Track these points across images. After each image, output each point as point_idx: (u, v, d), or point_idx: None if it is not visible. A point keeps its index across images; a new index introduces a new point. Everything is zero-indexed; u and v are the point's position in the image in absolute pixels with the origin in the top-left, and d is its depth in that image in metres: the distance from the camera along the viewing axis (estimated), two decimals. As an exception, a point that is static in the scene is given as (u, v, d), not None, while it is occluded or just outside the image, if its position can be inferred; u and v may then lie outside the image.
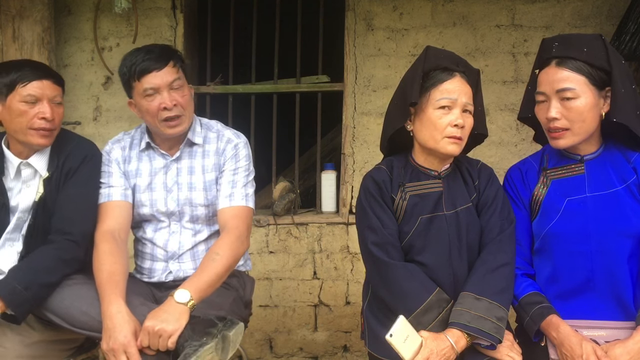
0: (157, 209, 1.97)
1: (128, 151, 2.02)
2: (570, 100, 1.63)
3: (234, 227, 1.90)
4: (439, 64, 1.72)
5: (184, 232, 1.98)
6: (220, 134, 2.01)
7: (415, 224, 1.73)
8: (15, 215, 1.91)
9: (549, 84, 1.66)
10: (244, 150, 2.01)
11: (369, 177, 1.80)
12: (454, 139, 1.69)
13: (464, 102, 1.70)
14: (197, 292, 1.71)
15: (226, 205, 1.94)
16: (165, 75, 1.86)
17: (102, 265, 1.80)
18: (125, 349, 1.63)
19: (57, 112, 1.90)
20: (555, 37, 1.74)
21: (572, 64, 1.64)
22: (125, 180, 1.98)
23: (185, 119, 1.93)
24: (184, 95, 1.91)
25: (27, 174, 1.92)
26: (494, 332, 1.60)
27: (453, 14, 3.10)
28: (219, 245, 1.85)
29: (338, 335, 3.19)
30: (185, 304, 1.67)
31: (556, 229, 1.70)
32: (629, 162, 1.72)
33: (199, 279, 1.75)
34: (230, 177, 1.96)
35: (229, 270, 1.85)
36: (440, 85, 1.70)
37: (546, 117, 1.67)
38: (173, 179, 1.98)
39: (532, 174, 1.80)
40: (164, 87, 1.86)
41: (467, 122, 1.71)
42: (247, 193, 1.98)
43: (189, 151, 1.99)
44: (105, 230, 1.89)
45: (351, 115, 3.15)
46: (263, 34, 3.38)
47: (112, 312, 1.68)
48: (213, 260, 1.80)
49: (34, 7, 2.96)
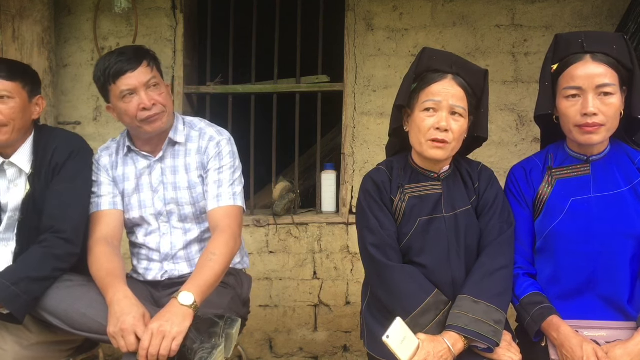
0: (146, 211, 1.98)
1: (115, 157, 2.02)
2: (608, 96, 1.62)
3: (227, 226, 1.90)
4: (430, 66, 1.70)
5: (175, 232, 1.99)
6: (202, 132, 2.00)
7: (414, 225, 1.73)
8: (6, 214, 1.93)
9: (587, 79, 1.63)
10: (227, 147, 2.00)
11: (369, 178, 1.80)
12: (437, 143, 1.67)
13: (450, 104, 1.66)
14: (200, 294, 1.72)
15: (215, 206, 1.94)
16: (140, 76, 1.86)
17: (100, 265, 1.82)
18: (134, 330, 1.62)
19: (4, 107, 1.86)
20: (578, 33, 1.72)
21: (607, 60, 1.63)
22: (114, 187, 1.99)
23: (165, 115, 1.92)
24: (161, 93, 1.91)
25: (11, 173, 1.94)
26: (491, 336, 1.60)
27: (453, 14, 3.10)
28: (214, 245, 1.85)
29: (338, 335, 3.20)
30: (189, 307, 1.67)
31: (560, 228, 1.70)
32: (633, 162, 1.73)
33: (199, 279, 1.75)
34: (216, 177, 1.96)
35: (225, 269, 1.85)
36: (427, 88, 1.68)
37: (583, 112, 1.63)
38: (158, 178, 1.99)
39: (537, 173, 1.80)
40: (141, 87, 1.86)
41: (454, 125, 1.67)
42: (235, 192, 1.97)
43: (171, 151, 1.99)
44: (97, 237, 1.91)
45: (351, 115, 3.14)
46: (263, 34, 3.37)
47: (119, 298, 1.69)
48: (210, 260, 1.80)
49: (34, 7, 2.96)
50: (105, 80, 1.87)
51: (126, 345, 1.62)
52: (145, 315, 1.67)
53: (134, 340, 1.62)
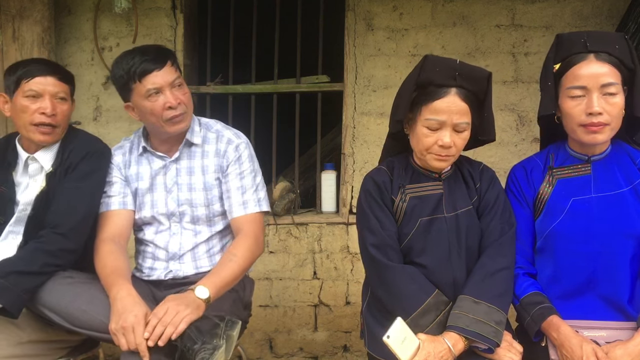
0: (157, 210, 1.98)
1: (128, 156, 2.03)
2: (612, 96, 1.62)
3: (251, 231, 1.93)
4: (433, 80, 1.64)
5: (185, 232, 1.99)
6: (220, 135, 2.01)
7: (414, 225, 1.73)
8: (18, 207, 1.95)
9: (592, 78, 1.62)
10: (246, 151, 2.01)
11: (369, 178, 1.80)
12: (439, 157, 1.68)
13: (454, 122, 1.64)
14: (215, 291, 1.77)
15: (241, 213, 1.96)
16: (166, 75, 1.87)
17: (105, 263, 1.83)
18: (135, 328, 1.62)
19: (61, 108, 1.93)
20: (580, 32, 1.72)
21: (610, 60, 1.63)
22: (126, 186, 2.00)
23: (187, 116, 1.94)
24: (185, 93, 1.93)
25: (33, 168, 1.96)
26: (492, 336, 1.59)
27: (453, 14, 3.10)
28: (237, 247, 1.89)
29: (338, 335, 3.20)
30: (203, 300, 1.71)
31: (560, 228, 1.70)
32: (634, 162, 1.74)
33: (217, 277, 1.80)
34: (238, 183, 1.97)
35: (244, 272, 1.89)
36: (431, 104, 1.64)
37: (588, 111, 1.63)
38: (172, 179, 1.99)
39: (537, 173, 1.80)
40: (167, 87, 1.87)
41: (458, 140, 1.67)
42: (260, 197, 2.00)
43: (187, 152, 1.99)
44: (104, 237, 1.92)
45: (351, 115, 3.14)
46: (263, 34, 3.37)
47: (122, 295, 1.70)
48: (230, 261, 1.85)
49: (34, 7, 2.96)
50: (128, 78, 1.86)
51: (127, 342, 1.62)
52: (147, 314, 1.67)
53: (134, 339, 1.62)
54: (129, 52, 1.91)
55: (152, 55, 1.87)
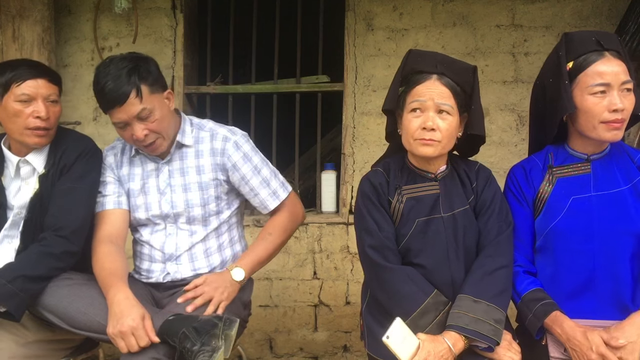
0: (151, 213, 1.97)
1: (120, 156, 2.02)
2: (629, 92, 1.65)
3: (284, 207, 2.05)
4: (414, 68, 1.70)
5: (180, 233, 1.98)
6: (214, 133, 1.99)
7: (412, 226, 1.73)
8: (12, 212, 1.93)
9: (614, 75, 1.63)
10: (246, 145, 2.00)
11: (366, 179, 1.80)
12: (424, 141, 1.67)
13: (436, 102, 1.65)
14: (250, 271, 1.92)
15: (276, 203, 2.04)
16: (130, 108, 1.79)
17: (103, 264, 1.83)
18: (133, 332, 1.63)
19: (53, 110, 1.90)
20: (588, 31, 1.74)
21: (623, 57, 1.66)
22: (120, 186, 1.99)
23: (163, 140, 1.90)
24: (154, 120, 1.84)
25: (25, 171, 1.94)
26: (492, 335, 1.59)
27: (453, 14, 3.10)
28: (272, 225, 2.02)
29: (338, 335, 3.19)
30: (239, 282, 1.88)
31: (560, 226, 1.70)
32: (633, 161, 1.74)
33: (252, 257, 1.95)
34: (259, 177, 2.00)
35: (280, 247, 2.04)
36: (413, 89, 1.68)
37: (612, 108, 1.63)
38: (165, 181, 1.98)
39: (537, 172, 1.80)
40: (132, 120, 1.82)
41: (442, 123, 1.66)
42: (282, 181, 2.08)
43: (179, 153, 1.98)
44: (101, 236, 1.91)
45: (351, 115, 3.15)
46: (263, 34, 3.38)
47: (119, 299, 1.70)
48: (264, 240, 1.98)
49: (34, 7, 2.96)
50: (100, 105, 1.86)
51: (126, 346, 1.64)
52: (144, 317, 1.68)
53: (133, 342, 1.64)
54: (100, 73, 1.80)
55: (116, 86, 1.77)
